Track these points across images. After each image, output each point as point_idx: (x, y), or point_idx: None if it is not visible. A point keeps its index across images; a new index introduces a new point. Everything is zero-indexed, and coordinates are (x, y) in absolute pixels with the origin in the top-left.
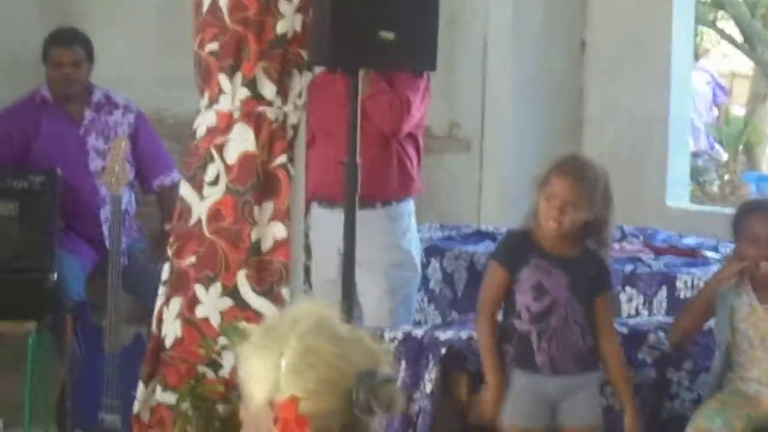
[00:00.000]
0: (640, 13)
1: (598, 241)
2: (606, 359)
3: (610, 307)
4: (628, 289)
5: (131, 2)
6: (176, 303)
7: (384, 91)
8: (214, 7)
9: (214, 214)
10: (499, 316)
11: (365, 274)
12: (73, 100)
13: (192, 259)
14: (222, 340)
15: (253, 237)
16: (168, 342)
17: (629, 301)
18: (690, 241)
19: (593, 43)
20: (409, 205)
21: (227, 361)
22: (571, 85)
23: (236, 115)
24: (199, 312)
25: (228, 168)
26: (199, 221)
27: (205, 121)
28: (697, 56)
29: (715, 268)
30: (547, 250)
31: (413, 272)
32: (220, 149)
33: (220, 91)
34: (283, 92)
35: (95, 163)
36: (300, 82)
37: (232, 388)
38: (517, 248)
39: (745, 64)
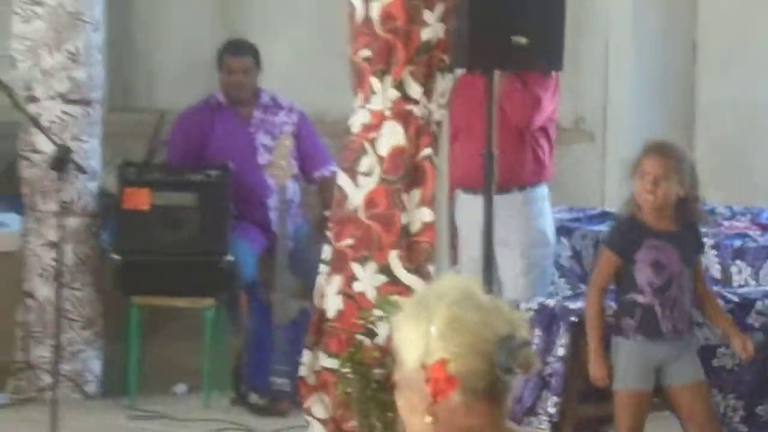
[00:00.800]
0: (745, 14)
1: (695, 215)
2: (706, 303)
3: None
4: (737, 261)
5: (294, 16)
6: (336, 280)
7: (517, 90)
8: (367, 18)
9: (369, 201)
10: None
11: (504, 252)
12: (243, 102)
13: (350, 241)
14: (377, 312)
15: (403, 221)
16: (330, 314)
17: (739, 273)
18: None
19: (703, 42)
20: (543, 190)
21: (382, 330)
22: (684, 80)
23: (387, 113)
24: (357, 287)
25: (380, 160)
26: (356, 208)
27: (359, 119)
28: None
29: None
30: (656, 229)
31: (547, 250)
32: (373, 143)
33: (373, 92)
34: (428, 92)
35: (263, 158)
36: (443, 83)
37: (386, 354)
38: (629, 234)
39: None
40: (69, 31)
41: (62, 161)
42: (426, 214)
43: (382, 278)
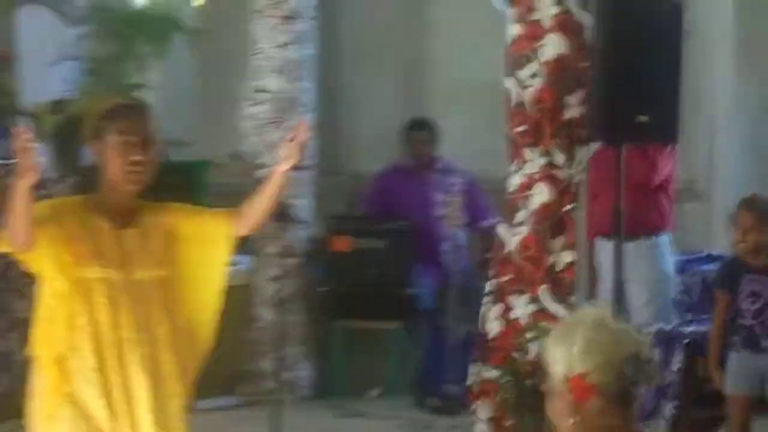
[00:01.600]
0: None
1: None
2: None
3: None
4: None
5: (463, 100)
6: (496, 308)
7: (637, 156)
8: (521, 101)
9: (522, 246)
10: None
11: (633, 287)
12: (424, 167)
13: (507, 277)
14: (529, 334)
15: (550, 261)
16: (491, 336)
17: None
18: None
19: None
20: (666, 238)
21: (533, 349)
22: None
23: (537, 176)
24: (513, 315)
25: (532, 213)
26: (511, 251)
27: (515, 182)
28: None
29: None
30: (753, 265)
31: (668, 286)
32: (526, 201)
33: (525, 160)
34: (570, 160)
35: (439, 211)
36: (582, 152)
37: (537, 368)
38: (731, 271)
39: None
40: (288, 112)
41: (283, 214)
42: (568, 256)
43: (533, 307)
